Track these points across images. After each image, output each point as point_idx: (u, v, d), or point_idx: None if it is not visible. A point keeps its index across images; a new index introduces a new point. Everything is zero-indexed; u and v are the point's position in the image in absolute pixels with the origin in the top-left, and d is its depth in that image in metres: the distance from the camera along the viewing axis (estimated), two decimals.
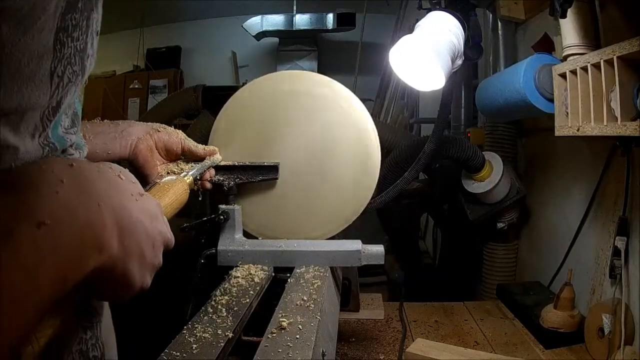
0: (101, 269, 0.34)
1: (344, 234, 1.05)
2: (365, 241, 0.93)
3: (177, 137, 0.83)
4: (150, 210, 0.41)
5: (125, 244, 0.36)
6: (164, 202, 0.58)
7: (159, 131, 0.81)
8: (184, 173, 0.77)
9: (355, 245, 0.92)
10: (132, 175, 0.41)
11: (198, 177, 0.83)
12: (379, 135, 1.03)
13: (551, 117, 1.12)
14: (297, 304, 0.73)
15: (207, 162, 0.88)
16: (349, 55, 3.62)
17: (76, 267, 0.32)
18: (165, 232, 0.43)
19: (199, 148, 0.88)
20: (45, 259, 0.30)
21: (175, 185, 0.64)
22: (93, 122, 0.73)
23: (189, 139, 0.87)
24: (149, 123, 0.82)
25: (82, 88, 0.43)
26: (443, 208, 1.90)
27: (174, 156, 0.84)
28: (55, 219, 0.31)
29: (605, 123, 0.91)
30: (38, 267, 0.29)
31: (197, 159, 0.88)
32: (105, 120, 0.76)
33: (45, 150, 0.37)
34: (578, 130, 1.00)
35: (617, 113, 0.88)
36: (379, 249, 0.92)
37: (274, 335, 0.63)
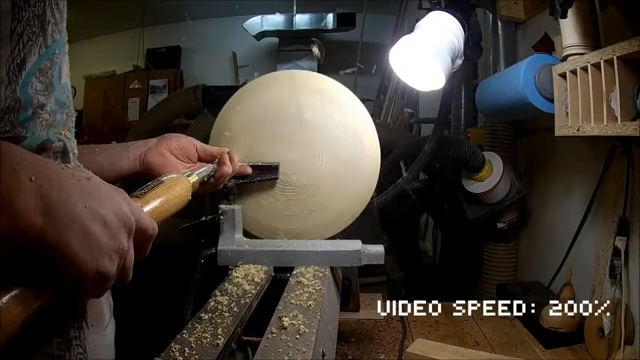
0: (27, 238, 0.34)
1: (344, 234, 1.05)
2: (365, 241, 0.93)
3: (186, 138, 0.84)
4: (95, 190, 0.39)
5: (56, 217, 0.35)
6: (152, 196, 0.55)
7: (165, 137, 0.82)
8: (188, 172, 0.75)
9: (355, 245, 0.92)
10: (84, 169, 0.41)
11: (206, 179, 0.81)
12: (378, 135, 1.03)
13: (551, 117, 1.12)
14: (297, 304, 0.73)
15: (213, 164, 0.86)
16: (349, 55, 3.62)
17: None
18: (126, 213, 0.40)
19: (212, 148, 0.87)
20: None
21: (169, 183, 0.61)
22: (105, 145, 0.77)
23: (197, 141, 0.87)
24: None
25: (67, 68, 0.46)
26: (443, 208, 1.90)
27: (192, 157, 0.84)
28: None
29: (605, 123, 0.91)
30: None
31: (212, 159, 0.87)
32: (114, 142, 0.80)
33: (7, 102, 0.39)
34: (578, 130, 1.00)
35: (617, 113, 0.88)
36: (379, 249, 0.92)
37: (274, 335, 0.63)
